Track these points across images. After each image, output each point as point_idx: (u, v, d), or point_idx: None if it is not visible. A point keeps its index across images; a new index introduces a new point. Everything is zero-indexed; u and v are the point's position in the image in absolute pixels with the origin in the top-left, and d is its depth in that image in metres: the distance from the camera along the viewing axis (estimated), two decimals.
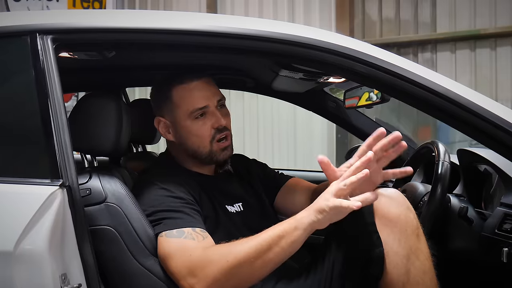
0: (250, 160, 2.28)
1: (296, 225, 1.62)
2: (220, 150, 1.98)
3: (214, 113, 1.96)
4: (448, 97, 1.64)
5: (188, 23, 1.76)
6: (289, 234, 1.62)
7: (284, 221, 1.67)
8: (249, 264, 1.62)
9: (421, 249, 1.70)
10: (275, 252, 1.62)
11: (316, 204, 1.62)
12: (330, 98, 3.05)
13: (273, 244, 1.62)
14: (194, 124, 1.96)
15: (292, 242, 1.63)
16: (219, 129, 1.96)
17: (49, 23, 1.69)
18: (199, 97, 1.95)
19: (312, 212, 1.62)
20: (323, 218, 1.61)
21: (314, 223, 1.62)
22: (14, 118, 1.64)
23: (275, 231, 1.64)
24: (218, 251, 1.66)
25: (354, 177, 1.59)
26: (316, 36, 1.70)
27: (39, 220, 1.47)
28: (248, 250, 1.62)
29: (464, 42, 6.48)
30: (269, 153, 6.83)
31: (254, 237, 1.66)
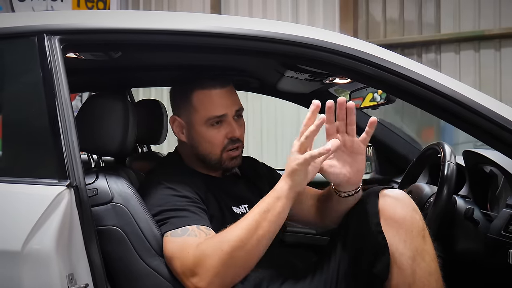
0: (259, 163, 2.28)
1: (278, 195, 1.65)
2: (229, 159, 1.99)
3: (230, 123, 1.96)
4: (454, 98, 1.64)
5: (193, 24, 1.76)
6: (273, 206, 1.64)
7: (265, 196, 1.68)
8: (244, 246, 1.62)
9: (427, 251, 1.70)
10: (265, 227, 1.63)
11: (287, 169, 1.65)
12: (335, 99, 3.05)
13: (261, 220, 1.63)
14: (209, 131, 1.96)
15: (279, 213, 1.64)
16: (232, 139, 1.97)
17: (56, 24, 1.69)
18: (219, 105, 1.95)
19: (287, 178, 1.65)
20: (299, 177, 1.64)
21: (294, 187, 1.65)
22: (22, 119, 1.65)
23: (260, 208, 1.65)
24: (211, 243, 1.66)
25: (313, 126, 1.62)
26: (322, 37, 1.70)
27: (46, 220, 1.47)
28: (240, 233, 1.63)
29: (468, 43, 6.48)
30: (272, 154, 6.83)
31: (241, 220, 1.67)
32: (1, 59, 1.71)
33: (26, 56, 1.67)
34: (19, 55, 1.69)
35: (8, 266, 1.46)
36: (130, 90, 3.18)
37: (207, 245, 1.66)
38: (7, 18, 1.80)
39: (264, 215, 1.63)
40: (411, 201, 1.76)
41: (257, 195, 2.05)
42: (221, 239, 1.65)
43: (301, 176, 1.64)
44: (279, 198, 1.65)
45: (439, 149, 2.19)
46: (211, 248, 1.64)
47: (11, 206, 1.53)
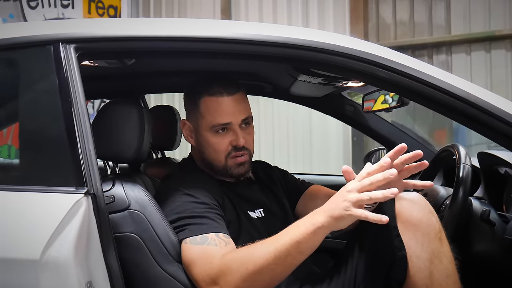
0: (272, 167, 2.28)
1: (315, 231, 1.60)
2: (235, 165, 1.98)
3: (235, 131, 1.95)
4: (467, 99, 1.65)
5: (208, 30, 1.77)
6: (307, 239, 1.60)
7: (300, 223, 1.64)
8: (269, 271, 1.61)
9: (444, 253, 1.69)
10: (294, 257, 1.62)
11: (335, 210, 1.59)
12: (348, 102, 3.05)
13: (291, 249, 1.60)
14: (214, 137, 1.96)
15: (312, 246, 1.62)
16: (237, 147, 1.96)
17: (72, 32, 1.71)
18: (224, 113, 1.94)
19: (331, 218, 1.59)
20: (342, 224, 1.60)
21: (332, 228, 1.61)
22: (39, 127, 1.66)
23: (293, 236, 1.61)
24: (237, 258, 1.65)
25: (380, 193, 1.55)
26: (337, 41, 1.71)
27: (64, 228, 1.48)
28: (267, 256, 1.61)
29: (479, 43, 6.45)
30: (284, 157, 6.82)
31: (272, 242, 1.64)
32: (18, 68, 1.73)
33: (42, 64, 1.68)
34: (35, 64, 1.70)
35: (27, 274, 1.46)
36: (144, 96, 3.19)
37: (233, 259, 1.65)
38: (22, 27, 1.82)
39: (296, 245, 1.60)
40: (427, 203, 1.76)
41: (271, 199, 2.05)
42: (248, 256, 1.64)
43: (344, 224, 1.60)
44: (315, 234, 1.60)
45: (453, 151, 2.18)
46: (236, 264, 1.63)
47: (29, 214, 1.54)
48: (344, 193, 1.60)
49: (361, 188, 1.58)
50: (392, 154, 1.64)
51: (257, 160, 2.28)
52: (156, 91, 3.87)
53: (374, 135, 3.13)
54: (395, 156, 1.65)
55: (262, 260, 1.61)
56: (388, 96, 2.73)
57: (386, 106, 2.75)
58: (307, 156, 6.88)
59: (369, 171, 1.60)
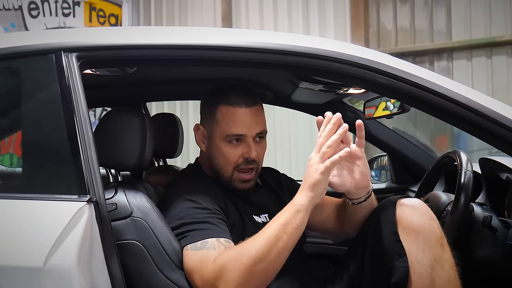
0: (280, 174, 2.28)
1: (297, 208, 1.65)
2: (239, 181, 1.98)
3: (248, 144, 1.96)
4: (468, 105, 1.65)
5: (209, 38, 1.78)
6: (293, 219, 1.64)
7: (283, 209, 1.69)
8: (264, 259, 1.62)
9: (445, 259, 1.70)
10: (285, 240, 1.63)
11: (308, 181, 1.66)
12: (349, 108, 3.06)
13: (280, 233, 1.63)
14: (226, 147, 1.96)
15: (298, 226, 1.65)
16: (248, 160, 1.96)
17: (73, 41, 1.71)
18: (240, 124, 1.95)
19: (307, 191, 1.66)
20: (321, 188, 1.66)
21: (314, 198, 1.66)
22: (41, 135, 1.66)
23: (279, 221, 1.65)
24: (231, 256, 1.65)
25: (336, 135, 1.66)
26: (337, 48, 1.71)
27: (67, 236, 1.48)
28: (259, 246, 1.62)
29: (480, 49, 6.46)
30: (286, 164, 6.82)
31: (261, 233, 1.66)
32: (20, 77, 1.73)
33: (44, 73, 1.69)
34: (37, 73, 1.70)
35: (30, 282, 1.46)
36: (145, 104, 3.20)
37: (226, 258, 1.65)
38: (24, 36, 1.82)
39: (284, 228, 1.63)
40: (429, 209, 1.76)
41: (277, 205, 2.05)
42: (241, 252, 1.64)
43: (322, 186, 1.65)
44: (298, 211, 1.65)
45: (455, 157, 2.18)
46: (231, 262, 1.63)
47: (32, 222, 1.54)
48: (309, 163, 1.69)
49: (319, 147, 1.67)
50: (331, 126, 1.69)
51: (265, 166, 2.29)
52: (157, 99, 3.89)
53: (375, 142, 3.13)
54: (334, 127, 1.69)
55: (255, 250, 1.62)
56: (389, 103, 2.74)
57: (387, 112, 2.75)
58: None
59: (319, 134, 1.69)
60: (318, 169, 1.64)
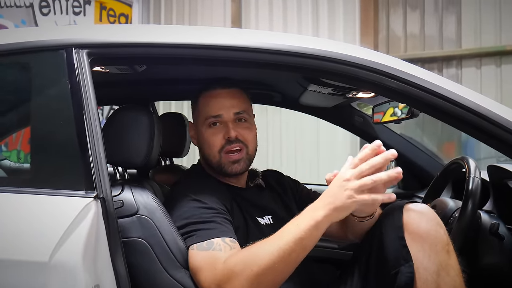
0: (284, 176, 2.28)
1: (317, 225, 1.59)
2: (229, 163, 1.99)
3: (226, 124, 1.99)
4: (478, 112, 1.64)
5: (219, 38, 1.78)
6: (309, 235, 1.59)
7: (300, 220, 1.62)
8: (274, 270, 1.60)
9: (451, 265, 1.69)
10: (298, 253, 1.61)
11: (336, 201, 1.58)
12: (357, 113, 3.06)
13: (294, 246, 1.59)
14: (207, 132, 2.01)
15: (313, 241, 1.62)
16: (229, 140, 1.98)
17: (84, 38, 1.72)
18: (215, 106, 2.00)
19: (331, 210, 1.58)
20: (344, 213, 1.61)
21: (334, 218, 1.60)
22: (50, 131, 1.66)
23: (295, 234, 1.60)
24: (241, 261, 1.64)
25: (385, 174, 1.56)
26: (348, 51, 1.71)
27: (73, 231, 1.48)
28: (271, 256, 1.60)
29: (489, 58, 6.44)
30: (292, 167, 6.81)
31: (274, 241, 1.63)
32: (30, 72, 1.73)
33: (55, 69, 1.69)
34: (47, 68, 1.70)
35: (36, 276, 1.47)
36: (153, 104, 3.20)
37: (236, 262, 1.64)
38: (36, 32, 1.83)
39: (299, 242, 1.59)
40: (436, 215, 1.75)
41: (281, 207, 2.05)
42: (252, 258, 1.62)
43: (347, 212, 1.61)
44: (317, 228, 1.59)
45: (463, 163, 2.17)
46: (241, 266, 1.62)
47: (39, 217, 1.54)
48: (342, 182, 1.59)
49: (360, 174, 1.58)
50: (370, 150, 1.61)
51: (269, 169, 2.29)
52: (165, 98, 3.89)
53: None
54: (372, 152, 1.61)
55: (266, 260, 1.60)
56: (397, 108, 2.73)
57: (396, 117, 2.74)
58: (314, 166, 6.87)
59: (362, 157, 1.60)
60: (354, 198, 1.57)
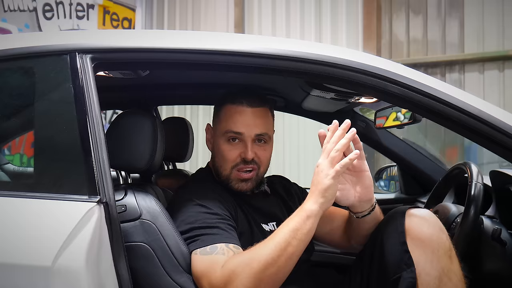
0: (291, 183, 2.29)
1: (307, 214, 1.64)
2: (237, 180, 1.99)
3: (246, 144, 1.97)
4: (480, 117, 1.65)
5: (222, 43, 1.78)
6: (303, 225, 1.63)
7: (293, 215, 1.67)
8: (273, 264, 1.61)
9: (453, 271, 1.69)
10: (294, 246, 1.62)
11: (318, 187, 1.65)
12: (360, 118, 3.06)
13: (290, 238, 1.62)
14: (224, 144, 1.99)
15: (308, 232, 1.64)
16: (245, 160, 1.97)
17: (88, 43, 1.72)
18: (239, 122, 1.97)
19: (317, 197, 1.65)
20: (331, 194, 1.65)
21: (324, 204, 1.65)
22: (54, 135, 1.66)
23: (289, 226, 1.64)
24: (241, 261, 1.64)
25: (345, 139, 1.66)
26: (349, 56, 1.72)
27: (77, 236, 1.49)
28: (269, 251, 1.61)
29: (492, 62, 6.43)
30: (294, 172, 6.82)
31: (271, 238, 1.65)
32: (34, 77, 1.74)
33: (58, 73, 1.69)
34: (51, 73, 1.71)
35: (39, 281, 1.47)
36: (156, 108, 3.21)
37: (236, 263, 1.65)
38: (39, 37, 1.83)
39: (294, 233, 1.62)
40: (438, 220, 1.76)
41: (286, 214, 2.05)
42: (250, 257, 1.64)
43: (332, 192, 1.65)
44: (308, 217, 1.64)
45: (465, 169, 2.18)
46: (241, 267, 1.63)
47: (42, 221, 1.55)
48: (317, 169, 1.68)
49: (327, 153, 1.67)
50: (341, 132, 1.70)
51: (275, 174, 2.29)
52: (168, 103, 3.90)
53: (385, 152, 3.13)
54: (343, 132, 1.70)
55: (265, 256, 1.61)
56: (399, 113, 2.74)
57: (398, 122, 2.75)
58: None
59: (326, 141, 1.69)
60: (328, 174, 1.63)
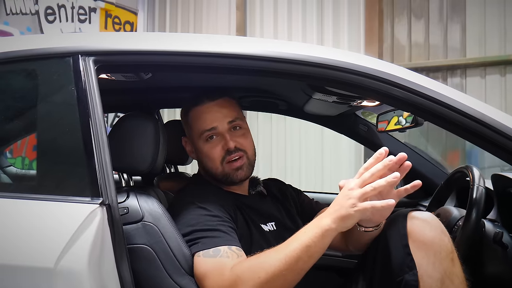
0: (286, 185, 2.29)
1: (323, 233, 1.61)
2: (233, 171, 2.00)
3: (223, 135, 1.99)
4: (483, 121, 1.65)
5: (224, 46, 1.78)
6: (316, 243, 1.60)
7: (307, 229, 1.64)
8: (281, 277, 1.60)
9: (455, 273, 1.69)
10: (305, 261, 1.61)
11: (341, 210, 1.60)
12: (362, 121, 3.06)
13: (302, 254, 1.60)
14: (205, 146, 2.01)
15: (321, 249, 1.62)
16: (229, 151, 1.98)
17: (91, 45, 1.73)
18: (207, 119, 2.00)
19: (337, 218, 1.60)
20: (350, 223, 1.62)
21: (341, 229, 1.62)
22: (57, 138, 1.67)
23: (302, 241, 1.61)
24: (248, 268, 1.64)
25: (383, 180, 1.60)
26: (353, 60, 1.72)
27: (79, 238, 1.49)
28: (278, 263, 1.60)
29: (494, 67, 6.43)
30: (296, 176, 6.81)
31: (282, 249, 1.63)
32: (37, 79, 1.74)
33: (61, 76, 1.70)
34: (54, 75, 1.71)
35: (41, 282, 1.47)
36: (158, 111, 3.21)
37: (243, 269, 1.64)
38: (42, 39, 1.84)
39: (306, 249, 1.60)
40: (440, 223, 1.75)
41: (283, 214, 2.06)
42: (259, 265, 1.63)
43: (353, 222, 1.62)
44: (324, 236, 1.61)
45: (467, 172, 2.18)
46: (248, 273, 1.62)
47: (45, 223, 1.55)
48: (347, 192, 1.62)
49: (362, 182, 1.61)
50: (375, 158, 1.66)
51: (270, 177, 2.30)
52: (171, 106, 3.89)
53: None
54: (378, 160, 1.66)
55: (274, 267, 1.60)
56: (401, 118, 2.74)
57: (400, 126, 2.75)
58: (319, 175, 6.86)
59: (366, 166, 1.64)
60: (356, 206, 1.59)
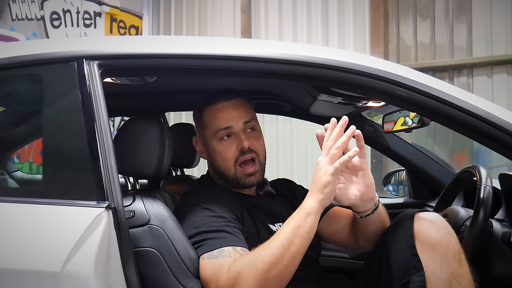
0: (297, 185, 2.29)
1: (307, 211, 1.66)
2: (244, 176, 2.00)
3: (238, 135, 1.99)
4: (489, 120, 1.64)
5: (229, 48, 1.78)
6: (304, 223, 1.65)
7: (294, 214, 1.69)
8: (278, 264, 1.61)
9: (463, 274, 1.68)
10: (297, 244, 1.63)
11: (317, 184, 1.68)
12: (368, 122, 3.05)
13: (292, 237, 1.63)
14: (219, 145, 2.00)
15: (309, 228, 1.65)
16: (243, 151, 1.98)
17: (95, 49, 1.73)
18: (224, 118, 2.00)
19: (317, 194, 1.67)
20: (330, 190, 1.66)
21: (323, 201, 1.67)
22: (62, 142, 1.67)
23: (291, 225, 1.66)
24: (245, 263, 1.65)
25: (344, 136, 1.67)
26: (358, 60, 1.72)
27: (86, 241, 1.49)
28: (272, 251, 1.62)
29: (501, 66, 6.41)
30: (302, 177, 6.80)
31: (273, 238, 1.66)
32: (42, 84, 1.74)
33: (66, 80, 1.70)
34: (59, 80, 1.72)
35: (48, 286, 1.47)
36: (164, 114, 3.22)
37: (240, 265, 1.65)
38: (47, 44, 1.84)
39: (295, 231, 1.63)
40: (447, 224, 1.75)
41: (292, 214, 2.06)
42: (254, 258, 1.64)
43: (332, 188, 1.66)
44: (309, 214, 1.65)
45: (474, 172, 2.17)
46: (246, 269, 1.63)
47: (51, 227, 1.55)
48: (317, 167, 1.70)
49: (327, 151, 1.68)
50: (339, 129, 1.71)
51: (280, 178, 2.29)
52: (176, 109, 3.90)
53: (393, 156, 3.12)
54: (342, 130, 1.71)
55: (269, 256, 1.62)
56: (408, 118, 2.73)
57: (406, 127, 2.74)
58: None
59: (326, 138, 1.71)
60: (327, 171, 1.65)
